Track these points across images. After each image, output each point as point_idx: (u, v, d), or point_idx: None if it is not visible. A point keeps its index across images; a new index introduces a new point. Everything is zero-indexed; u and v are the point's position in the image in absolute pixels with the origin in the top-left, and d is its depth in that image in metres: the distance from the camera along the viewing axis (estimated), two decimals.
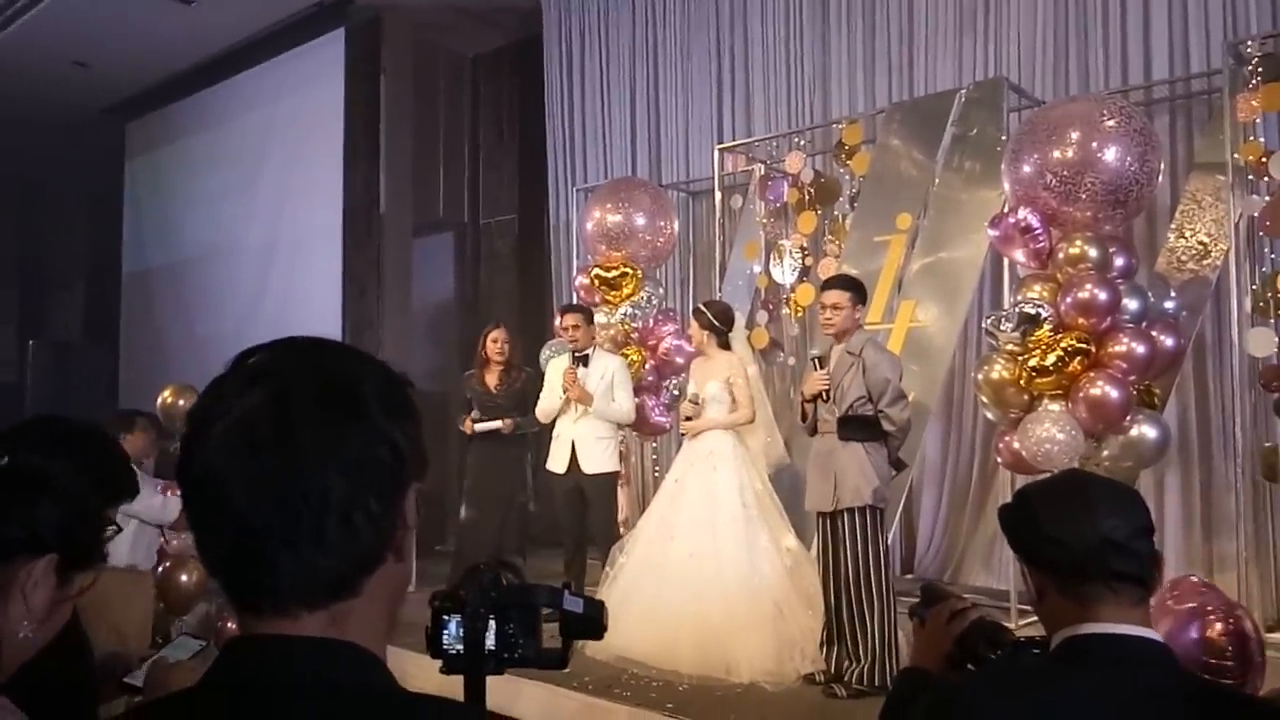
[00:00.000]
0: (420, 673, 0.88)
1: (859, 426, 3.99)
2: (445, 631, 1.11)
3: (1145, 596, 1.28)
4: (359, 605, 0.79)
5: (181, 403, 5.77)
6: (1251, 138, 4.68)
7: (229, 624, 4.84)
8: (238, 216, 9.97)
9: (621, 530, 5.28)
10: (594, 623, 1.19)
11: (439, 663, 1.14)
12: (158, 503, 4.04)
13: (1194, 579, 3.49)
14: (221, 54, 9.77)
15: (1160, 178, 4.56)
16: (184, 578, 4.82)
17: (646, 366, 6.01)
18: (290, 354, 0.81)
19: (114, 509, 1.49)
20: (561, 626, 1.19)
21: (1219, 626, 2.96)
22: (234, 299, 9.77)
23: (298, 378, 0.78)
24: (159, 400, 5.82)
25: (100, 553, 1.43)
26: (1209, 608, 3.04)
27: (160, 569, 4.68)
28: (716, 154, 6.79)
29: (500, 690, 3.85)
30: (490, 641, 1.09)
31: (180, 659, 2.00)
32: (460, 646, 1.10)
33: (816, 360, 4.15)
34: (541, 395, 5.34)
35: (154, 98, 10.88)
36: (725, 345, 4.80)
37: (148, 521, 4.26)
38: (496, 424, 5.58)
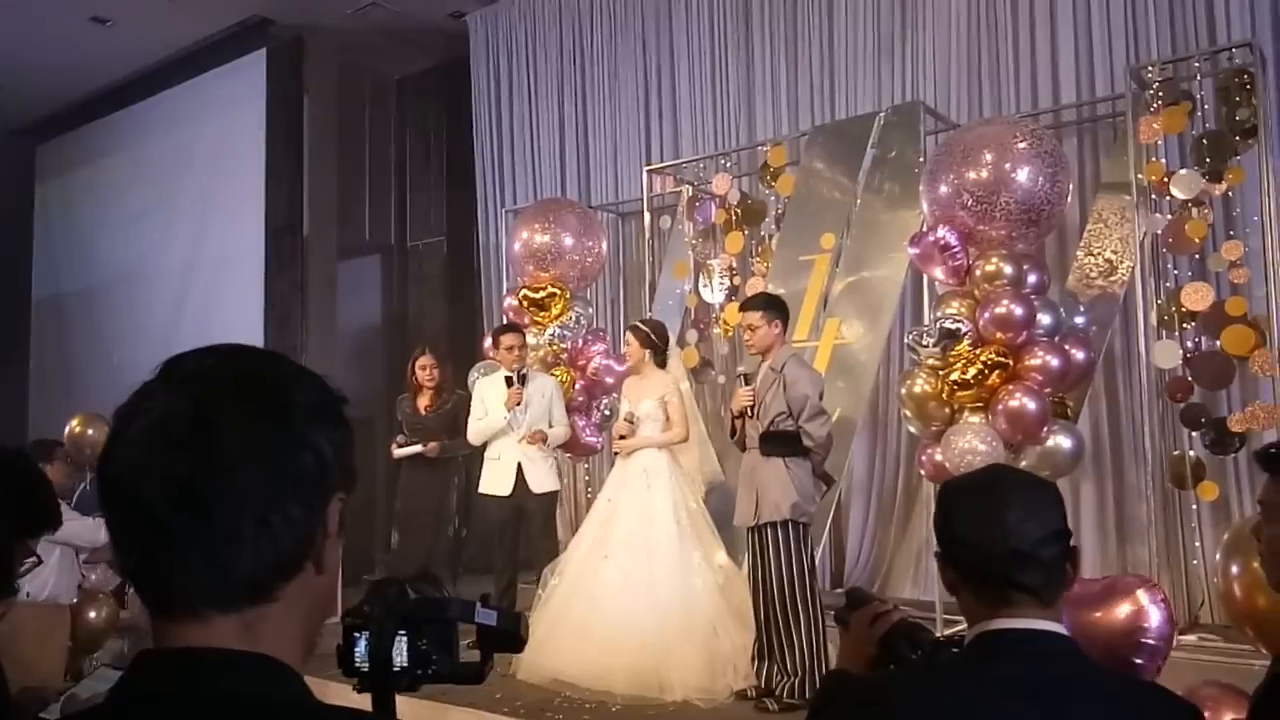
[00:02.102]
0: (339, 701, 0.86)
1: (779, 442, 4.03)
2: (356, 649, 1.08)
3: (1054, 598, 1.30)
4: (275, 613, 0.77)
5: (91, 432, 5.56)
6: (1154, 159, 4.90)
7: None
8: (155, 240, 9.70)
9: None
10: (511, 635, 1.16)
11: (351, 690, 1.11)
12: (90, 523, 3.83)
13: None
14: (138, 75, 9.53)
15: (1069, 197, 4.74)
16: (93, 614, 4.63)
17: (576, 387, 6.01)
18: (216, 358, 0.80)
19: (35, 539, 1.44)
20: (478, 640, 1.16)
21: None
22: (150, 325, 9.47)
23: (220, 379, 0.78)
24: (67, 430, 5.60)
25: (12, 585, 1.37)
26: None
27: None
28: (645, 175, 6.86)
29: (427, 716, 3.77)
30: (404, 658, 1.05)
31: (99, 691, 1.93)
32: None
33: (743, 377, 4.21)
34: (473, 417, 5.27)
35: (67, 119, 10.54)
36: (662, 363, 4.82)
37: (79, 546, 4.06)
38: (417, 447, 5.52)
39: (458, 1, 8.32)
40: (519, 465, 5.11)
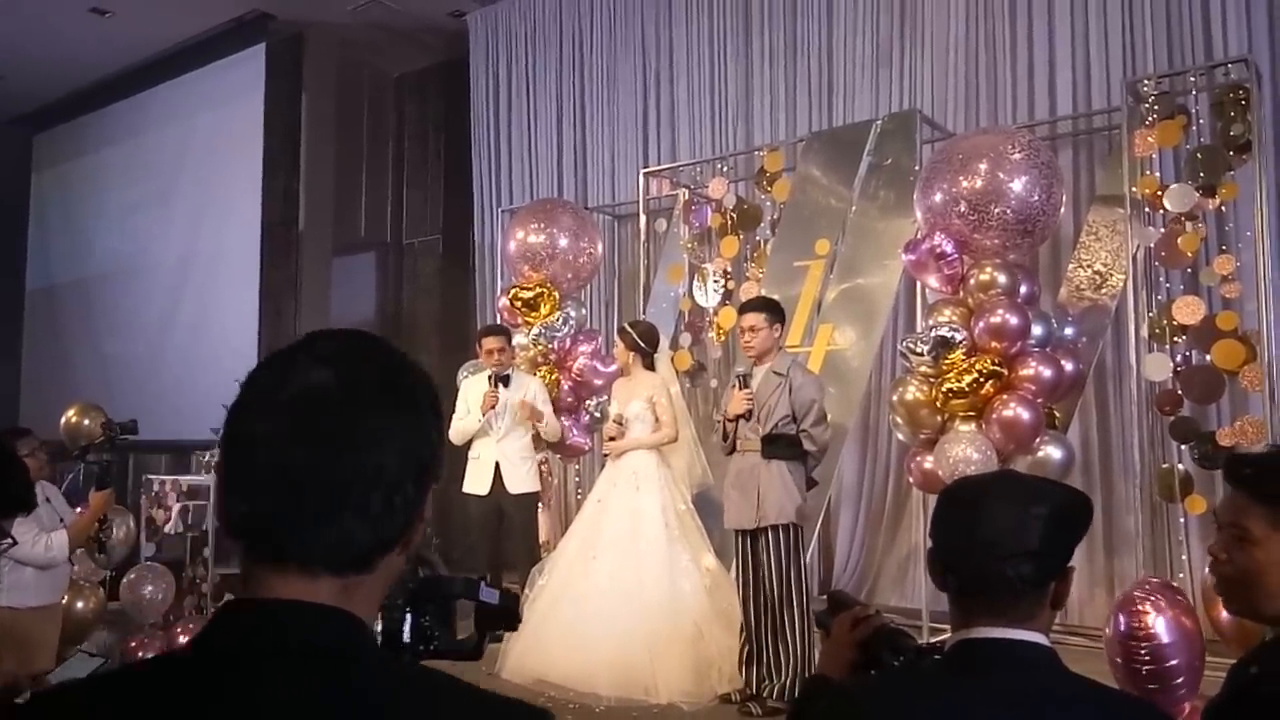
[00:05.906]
0: None
1: (783, 445, 4.05)
2: None
3: (1027, 616, 1.28)
4: (367, 582, 0.83)
5: (87, 422, 5.51)
6: (1148, 172, 4.90)
7: (131, 646, 4.64)
8: (151, 233, 9.69)
9: (542, 553, 5.24)
10: (510, 614, 1.22)
11: None
12: (40, 552, 3.52)
13: None
14: (137, 66, 9.52)
15: (1064, 209, 4.75)
16: (80, 604, 4.63)
17: (563, 387, 6.00)
18: (359, 340, 0.88)
19: (9, 520, 1.44)
20: (476, 619, 1.21)
21: None
22: (144, 318, 9.46)
23: (367, 363, 0.85)
24: (63, 419, 5.56)
25: None
26: None
27: None
28: (642, 178, 6.86)
29: None
30: (406, 634, 1.11)
31: (76, 676, 1.92)
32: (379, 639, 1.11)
33: (741, 378, 4.17)
34: (455, 416, 5.27)
35: (65, 109, 10.53)
36: (650, 366, 4.84)
37: (42, 568, 3.91)
38: None
39: (458, 0, 8.33)
40: (496, 465, 5.13)
